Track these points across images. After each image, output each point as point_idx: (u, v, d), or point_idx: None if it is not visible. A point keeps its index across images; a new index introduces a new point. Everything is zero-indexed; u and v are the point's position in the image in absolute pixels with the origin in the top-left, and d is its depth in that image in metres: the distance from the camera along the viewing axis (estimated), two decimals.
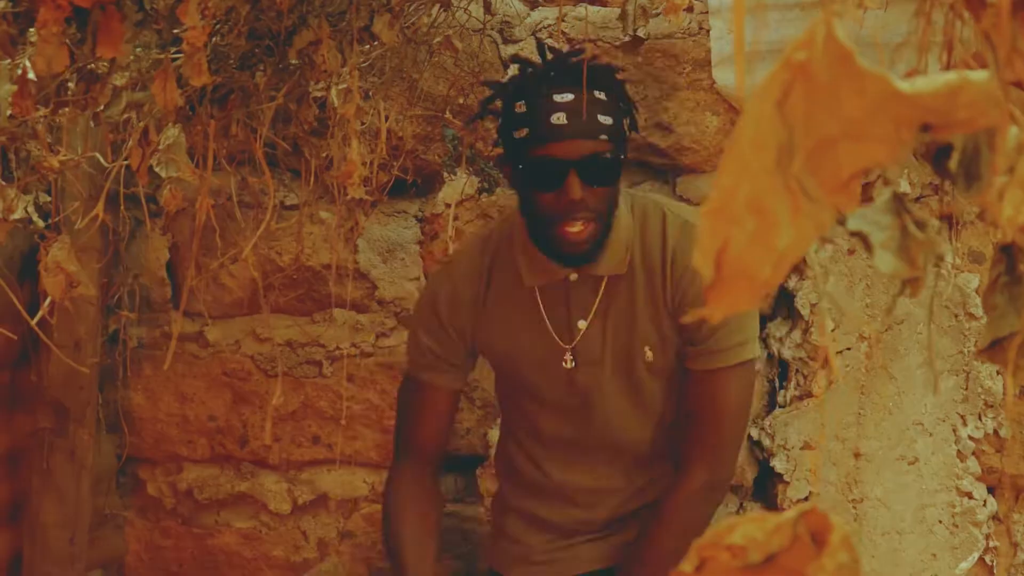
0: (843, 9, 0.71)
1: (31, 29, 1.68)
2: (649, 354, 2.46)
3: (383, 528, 2.62)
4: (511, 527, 2.67)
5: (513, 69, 2.98)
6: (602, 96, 2.32)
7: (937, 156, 0.84)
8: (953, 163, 0.83)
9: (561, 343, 2.48)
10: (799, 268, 2.97)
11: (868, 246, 0.82)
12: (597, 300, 2.46)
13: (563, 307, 2.48)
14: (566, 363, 2.48)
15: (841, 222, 0.77)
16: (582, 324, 2.47)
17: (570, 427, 2.54)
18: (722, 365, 2.43)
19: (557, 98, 2.30)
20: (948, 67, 0.94)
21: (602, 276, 2.44)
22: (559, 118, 2.29)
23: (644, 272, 2.44)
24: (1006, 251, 0.88)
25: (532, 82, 2.34)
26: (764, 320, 2.96)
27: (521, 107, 2.33)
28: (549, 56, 2.39)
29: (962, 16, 0.87)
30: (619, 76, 2.41)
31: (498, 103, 2.44)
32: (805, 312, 2.98)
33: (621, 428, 2.52)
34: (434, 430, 2.63)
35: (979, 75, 0.69)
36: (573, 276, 2.45)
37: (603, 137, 2.30)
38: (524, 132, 2.32)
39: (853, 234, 0.81)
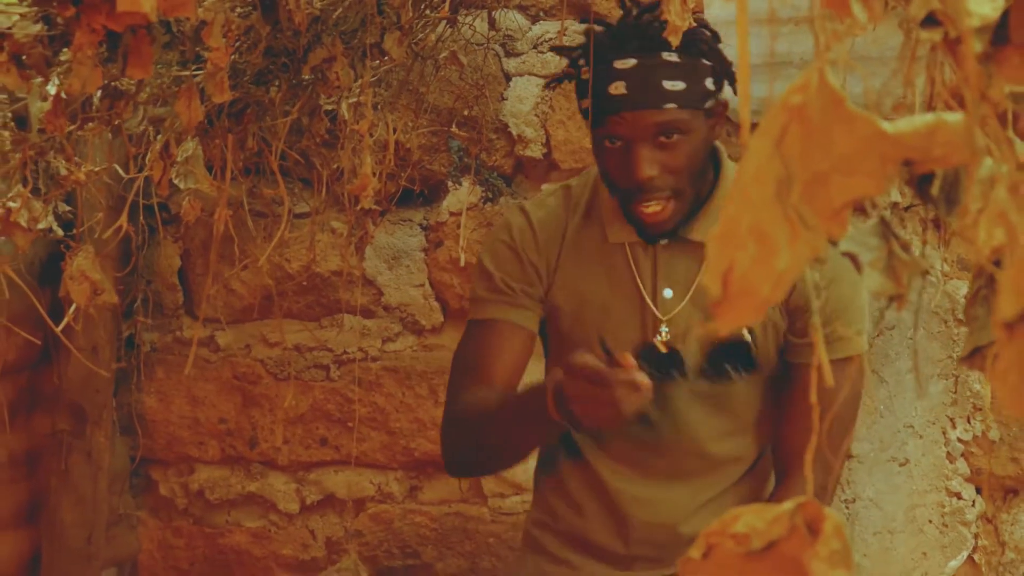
0: (836, 57, 0.80)
1: (64, 50, 1.75)
2: (747, 338, 2.11)
3: (461, 437, 2.21)
4: (553, 547, 2.28)
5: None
6: (672, 58, 2.01)
7: (920, 183, 0.93)
8: (935, 189, 0.92)
9: (656, 311, 2.13)
10: None
11: (858, 265, 0.90)
12: (689, 268, 2.12)
13: (650, 272, 2.14)
14: (660, 336, 2.12)
15: (833, 244, 0.85)
16: (668, 293, 2.13)
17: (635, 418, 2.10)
18: (841, 355, 2.06)
19: (618, 64, 2.02)
20: (931, 100, 1.02)
21: (698, 242, 2.09)
22: (617, 87, 2.01)
23: None
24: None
25: (597, 44, 2.04)
26: None
27: (586, 72, 2.06)
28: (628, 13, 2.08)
29: (943, 56, 0.95)
30: (704, 26, 2.07)
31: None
32: None
33: (693, 426, 2.16)
34: (509, 367, 2.18)
35: (954, 117, 0.78)
36: (663, 240, 2.14)
37: (670, 106, 2.00)
38: (587, 102, 2.05)
39: (844, 255, 0.90)
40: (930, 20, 0.85)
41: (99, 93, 2.00)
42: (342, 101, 2.45)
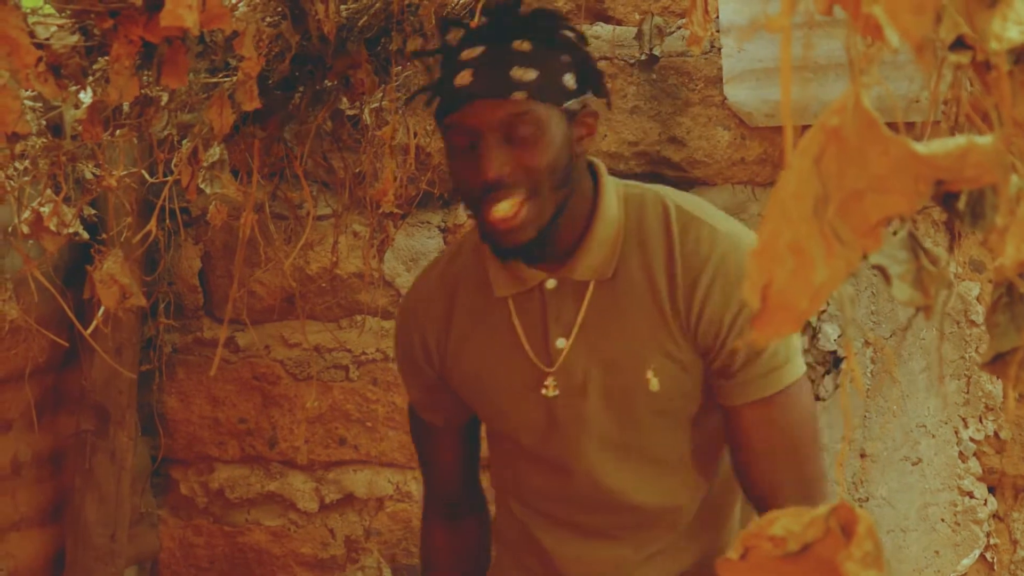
0: (870, 80, 0.84)
1: (100, 59, 1.78)
2: (654, 382, 1.89)
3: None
4: None
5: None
6: (524, 47, 1.79)
7: (946, 197, 0.96)
8: (961, 204, 0.96)
9: (540, 365, 1.93)
10: None
11: (887, 278, 0.94)
12: (580, 313, 1.91)
13: (539, 322, 1.93)
14: (547, 390, 1.93)
15: (864, 256, 0.88)
16: (561, 343, 1.91)
17: (552, 478, 2.00)
18: (776, 389, 1.87)
19: (465, 55, 1.80)
20: (956, 119, 1.05)
21: (586, 282, 1.90)
22: (463, 78, 1.78)
23: (644, 276, 1.89)
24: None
25: (452, 41, 1.87)
26: None
27: (438, 73, 1.91)
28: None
29: (969, 77, 0.98)
30: (567, 25, 1.87)
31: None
32: (812, 319, 3.06)
33: (611, 481, 1.96)
34: (447, 469, 2.19)
35: (984, 139, 0.81)
36: (550, 283, 1.91)
37: (519, 95, 1.76)
38: (437, 101, 1.85)
39: (874, 267, 0.93)
40: (958, 42, 0.89)
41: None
42: (364, 107, 2.48)
